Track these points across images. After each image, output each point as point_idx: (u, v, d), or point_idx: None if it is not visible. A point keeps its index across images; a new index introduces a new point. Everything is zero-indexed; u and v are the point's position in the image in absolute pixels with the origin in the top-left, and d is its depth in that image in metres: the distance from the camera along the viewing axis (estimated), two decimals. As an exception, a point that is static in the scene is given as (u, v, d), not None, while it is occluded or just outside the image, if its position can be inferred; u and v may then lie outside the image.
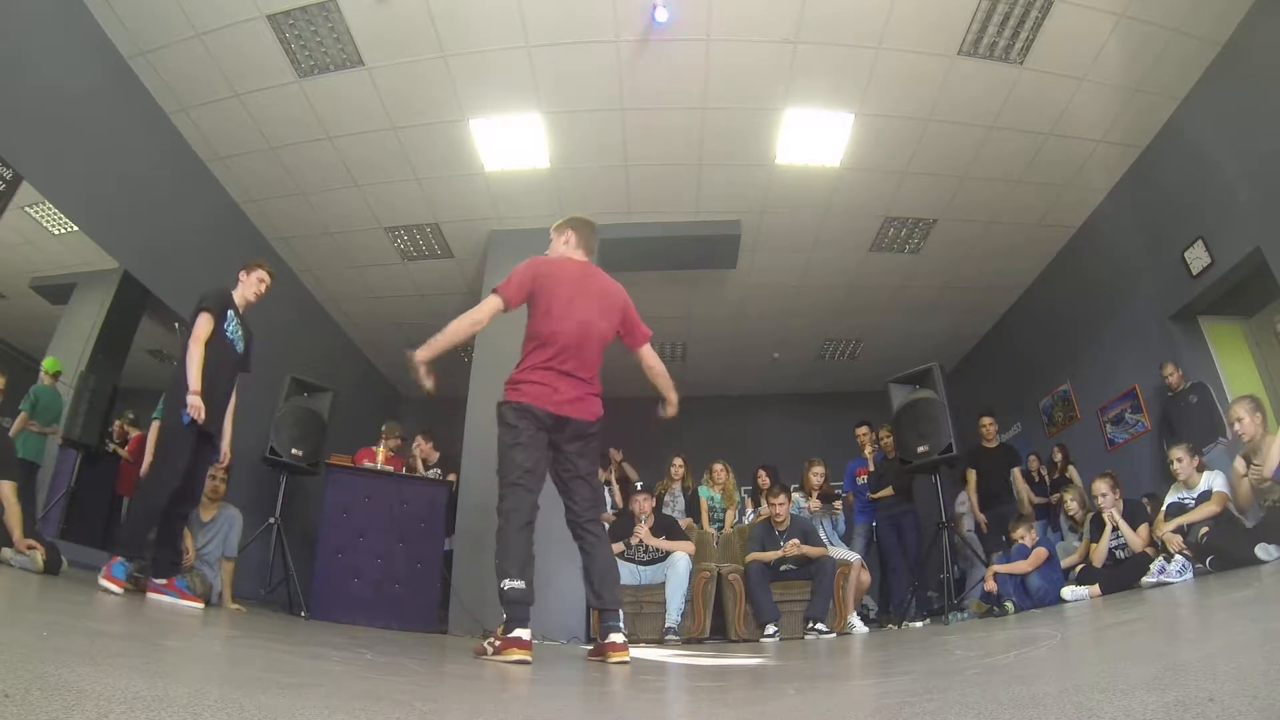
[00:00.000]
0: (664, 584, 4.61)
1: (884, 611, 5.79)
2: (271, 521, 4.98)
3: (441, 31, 4.44)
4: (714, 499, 5.82)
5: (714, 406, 8.92)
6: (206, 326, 3.29)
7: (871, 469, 5.96)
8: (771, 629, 4.46)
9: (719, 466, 5.99)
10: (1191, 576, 3.49)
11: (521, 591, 2.33)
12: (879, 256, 6.61)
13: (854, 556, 4.99)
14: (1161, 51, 4.47)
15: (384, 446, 5.14)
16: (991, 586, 4.33)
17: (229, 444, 3.55)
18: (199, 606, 3.30)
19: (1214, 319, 5.18)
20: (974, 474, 5.88)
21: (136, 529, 3.18)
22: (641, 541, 4.76)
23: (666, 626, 4.50)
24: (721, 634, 4.74)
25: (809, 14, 4.31)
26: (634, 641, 3.43)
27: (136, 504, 3.35)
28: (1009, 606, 4.18)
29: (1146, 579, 3.65)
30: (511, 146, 5.36)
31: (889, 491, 5.70)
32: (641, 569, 4.74)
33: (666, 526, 4.91)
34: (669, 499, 5.89)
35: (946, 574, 4.77)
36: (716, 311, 7.54)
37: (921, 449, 4.89)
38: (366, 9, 4.28)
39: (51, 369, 4.04)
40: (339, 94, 4.88)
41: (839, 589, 4.61)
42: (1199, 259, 4.81)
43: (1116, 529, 4.07)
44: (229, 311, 3.45)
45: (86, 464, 4.34)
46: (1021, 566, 4.29)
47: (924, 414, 4.95)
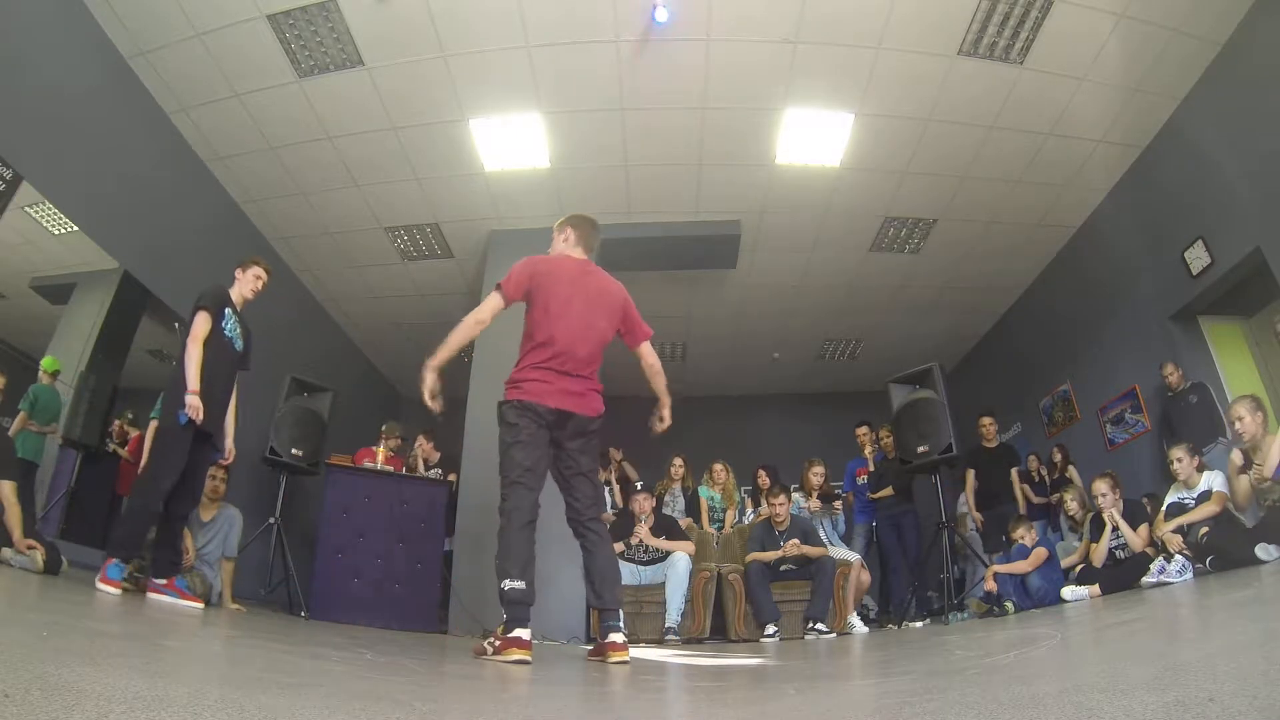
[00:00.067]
0: (664, 584, 4.60)
1: (884, 611, 5.79)
2: (271, 521, 4.98)
3: (441, 31, 4.44)
4: (714, 499, 5.82)
5: (714, 406, 8.93)
6: (204, 326, 3.29)
7: (871, 469, 5.96)
8: (771, 629, 4.46)
9: (719, 466, 5.99)
10: (1191, 576, 3.49)
11: (522, 592, 2.33)
12: (879, 256, 6.61)
13: (854, 556, 4.99)
14: (1161, 51, 4.48)
15: (384, 446, 5.15)
16: (991, 586, 4.33)
17: (232, 440, 3.55)
18: (199, 606, 3.29)
19: (1214, 319, 5.18)
20: (972, 474, 5.89)
21: (131, 529, 3.17)
22: (641, 541, 4.76)
23: (666, 626, 4.50)
24: (721, 634, 4.73)
25: (809, 14, 4.31)
26: (634, 641, 3.43)
27: (132, 504, 3.35)
28: (1009, 606, 4.18)
29: (1146, 579, 3.65)
30: (511, 146, 5.36)
31: (889, 491, 5.71)
32: (641, 569, 4.74)
33: (666, 526, 4.91)
34: (669, 499, 5.88)
35: (946, 574, 4.78)
36: (716, 311, 7.54)
37: (921, 449, 4.89)
38: (366, 9, 4.28)
39: (50, 368, 4.03)
40: (339, 94, 4.88)
41: (839, 589, 4.61)
42: (1199, 259, 4.81)
43: (1116, 529, 4.08)
44: (227, 310, 3.45)
45: (86, 464, 4.34)
46: (1021, 566, 4.29)
47: (924, 414, 4.95)
